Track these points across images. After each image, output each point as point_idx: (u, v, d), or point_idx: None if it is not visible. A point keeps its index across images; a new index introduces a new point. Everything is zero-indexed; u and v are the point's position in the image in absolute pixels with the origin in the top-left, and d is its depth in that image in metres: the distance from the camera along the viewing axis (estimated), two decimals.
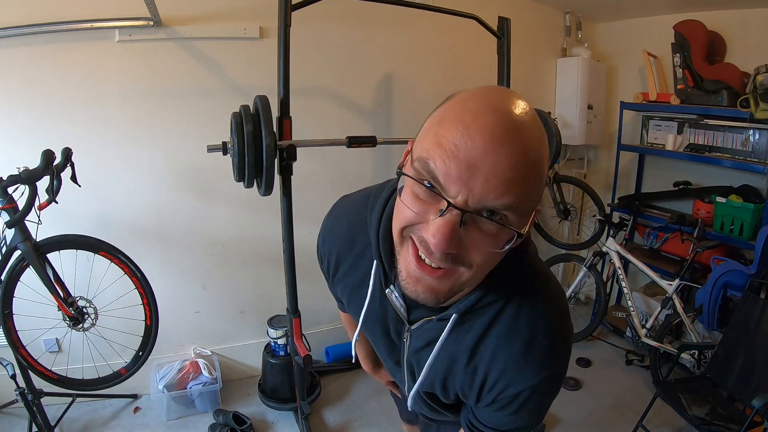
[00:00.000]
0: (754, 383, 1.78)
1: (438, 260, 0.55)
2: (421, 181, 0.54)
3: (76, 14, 1.86)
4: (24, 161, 1.67)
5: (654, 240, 2.88)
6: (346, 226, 0.81)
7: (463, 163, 0.51)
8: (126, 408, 2.21)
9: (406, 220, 0.56)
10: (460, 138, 0.51)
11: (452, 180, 0.51)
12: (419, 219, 0.55)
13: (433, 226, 0.53)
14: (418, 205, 0.55)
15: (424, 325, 0.72)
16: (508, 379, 0.67)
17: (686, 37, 2.52)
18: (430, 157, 0.53)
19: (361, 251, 0.77)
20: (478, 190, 0.51)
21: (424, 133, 0.57)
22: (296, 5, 1.65)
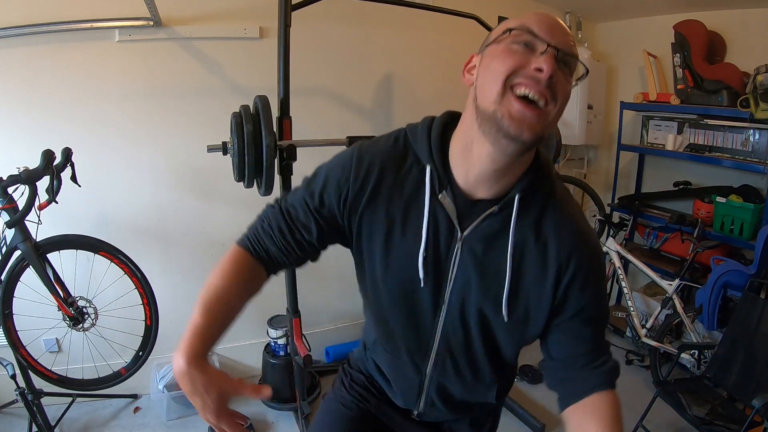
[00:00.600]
0: (754, 383, 1.78)
1: (544, 88, 0.65)
2: (523, 36, 0.67)
3: (76, 14, 1.86)
4: (24, 161, 1.67)
5: (654, 240, 2.88)
6: (388, 143, 0.82)
7: (547, 24, 0.68)
8: (126, 408, 2.21)
9: (511, 66, 0.66)
10: (536, 16, 0.69)
11: (546, 31, 0.67)
12: (523, 63, 0.66)
13: (541, 59, 0.65)
14: (518, 55, 0.66)
15: (482, 223, 0.76)
16: (580, 249, 0.76)
17: (686, 37, 2.52)
18: (524, 21, 0.68)
19: (408, 166, 0.78)
20: (562, 41, 0.67)
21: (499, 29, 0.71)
22: (296, 5, 1.65)
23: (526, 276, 0.77)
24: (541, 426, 2.09)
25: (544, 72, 0.64)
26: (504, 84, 0.66)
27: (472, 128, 0.71)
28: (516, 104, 0.65)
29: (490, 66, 0.69)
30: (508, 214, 0.75)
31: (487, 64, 0.69)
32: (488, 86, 0.67)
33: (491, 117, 0.67)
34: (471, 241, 0.76)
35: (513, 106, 0.65)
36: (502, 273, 0.76)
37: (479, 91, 0.70)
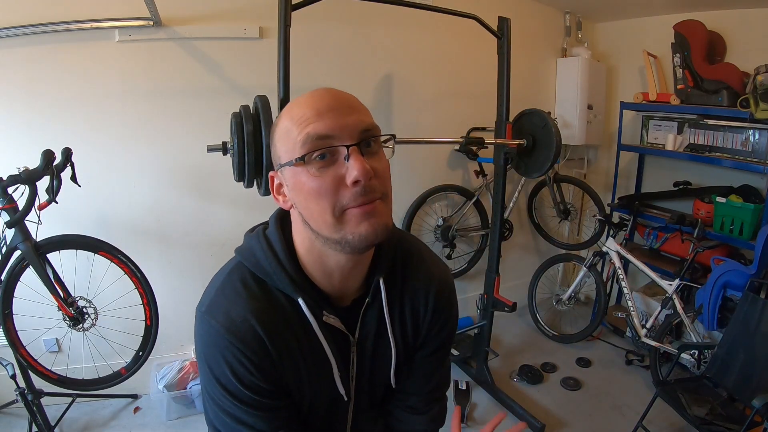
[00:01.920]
0: (754, 383, 1.78)
1: (371, 191, 0.62)
2: (316, 152, 0.62)
3: (76, 14, 1.86)
4: (24, 161, 1.67)
5: (654, 240, 2.88)
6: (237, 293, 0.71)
7: (328, 113, 0.62)
8: (126, 408, 2.21)
9: (331, 194, 0.62)
10: (311, 105, 0.64)
11: (333, 128, 0.61)
12: (335, 183, 0.62)
13: (351, 169, 0.61)
14: (328, 176, 0.62)
15: (364, 321, 0.77)
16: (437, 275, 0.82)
17: (686, 37, 2.52)
18: (307, 133, 0.62)
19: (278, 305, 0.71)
20: (351, 123, 0.62)
21: (283, 139, 0.66)
22: (296, 5, 1.65)
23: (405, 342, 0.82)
24: (541, 426, 2.09)
25: (361, 181, 0.60)
26: (334, 217, 0.63)
27: (315, 244, 0.68)
28: (361, 211, 0.62)
29: (307, 204, 0.64)
30: (378, 299, 0.76)
31: (302, 200, 0.65)
32: (319, 220, 0.64)
33: (339, 242, 0.64)
34: (362, 342, 0.79)
35: (359, 214, 0.62)
36: (388, 355, 0.81)
37: (309, 220, 0.66)
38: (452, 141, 2.62)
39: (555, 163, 2.18)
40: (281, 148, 0.66)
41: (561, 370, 2.63)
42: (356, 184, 0.61)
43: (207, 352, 0.69)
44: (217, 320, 0.68)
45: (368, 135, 0.63)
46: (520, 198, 3.14)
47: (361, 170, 0.60)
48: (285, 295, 0.71)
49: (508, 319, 3.06)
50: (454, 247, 2.83)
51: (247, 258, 0.73)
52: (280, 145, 0.66)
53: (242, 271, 0.72)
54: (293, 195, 0.67)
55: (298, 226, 0.70)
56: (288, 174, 0.66)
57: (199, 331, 0.71)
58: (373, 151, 0.64)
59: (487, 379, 2.40)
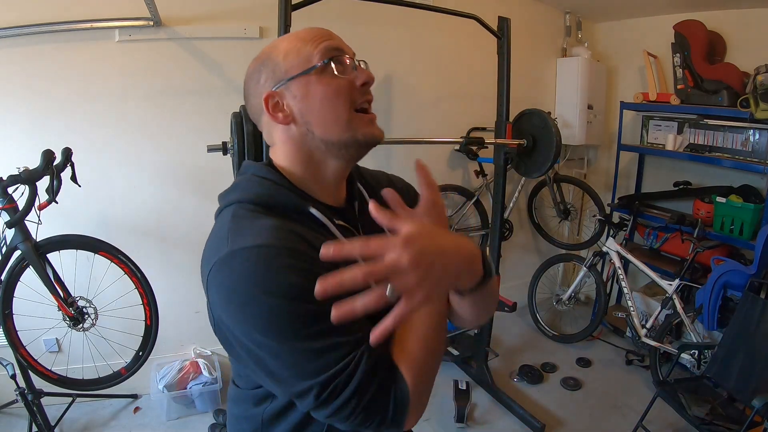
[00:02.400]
0: (754, 383, 1.78)
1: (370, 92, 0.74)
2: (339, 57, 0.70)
3: (76, 14, 1.86)
4: (24, 161, 1.67)
5: (654, 240, 2.88)
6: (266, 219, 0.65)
7: (333, 36, 0.72)
8: (126, 408, 2.21)
9: (348, 92, 0.70)
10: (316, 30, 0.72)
11: (342, 45, 0.72)
12: (352, 85, 0.70)
13: (361, 73, 0.72)
14: (344, 79, 0.70)
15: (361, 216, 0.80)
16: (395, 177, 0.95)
17: (686, 37, 2.52)
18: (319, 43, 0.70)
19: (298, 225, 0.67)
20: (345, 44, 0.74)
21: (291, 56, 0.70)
22: (296, 5, 1.65)
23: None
24: (541, 426, 2.09)
25: (370, 82, 0.72)
26: (350, 114, 0.70)
27: (314, 156, 0.73)
28: (368, 125, 0.72)
29: (321, 108, 0.69)
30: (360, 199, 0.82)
31: (315, 105, 0.69)
32: (332, 122, 0.69)
33: (347, 142, 0.70)
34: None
35: (365, 120, 0.71)
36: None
37: (317, 126, 0.70)
38: (452, 141, 2.63)
39: (555, 163, 2.18)
40: (285, 64, 0.70)
41: (561, 370, 2.63)
42: (365, 85, 0.71)
43: (259, 281, 0.58)
44: (251, 243, 0.60)
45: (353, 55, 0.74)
46: (520, 198, 3.14)
47: (369, 74, 0.72)
48: (294, 212, 0.69)
49: (508, 319, 3.06)
50: None
51: (244, 194, 0.70)
52: (285, 62, 0.70)
53: (243, 207, 0.68)
54: (301, 105, 0.70)
55: (292, 146, 0.73)
56: (296, 86, 0.69)
57: (234, 275, 0.60)
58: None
59: (487, 379, 2.40)
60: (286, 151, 0.74)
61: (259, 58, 0.74)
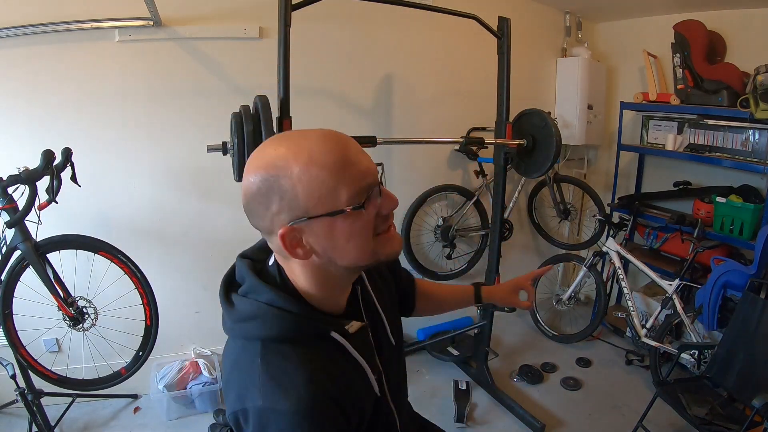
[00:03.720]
0: (754, 383, 1.78)
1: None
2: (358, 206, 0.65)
3: (76, 14, 1.86)
4: (24, 161, 1.67)
5: (654, 240, 2.88)
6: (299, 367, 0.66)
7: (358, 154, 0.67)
8: (126, 408, 2.21)
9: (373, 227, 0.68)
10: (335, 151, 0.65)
11: (370, 167, 0.67)
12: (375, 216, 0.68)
13: (388, 201, 0.69)
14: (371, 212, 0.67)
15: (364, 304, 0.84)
16: None
17: (686, 37, 2.52)
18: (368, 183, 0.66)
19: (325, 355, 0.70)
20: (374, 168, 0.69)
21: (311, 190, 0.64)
22: (296, 5, 1.65)
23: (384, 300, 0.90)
24: (541, 426, 2.09)
25: (395, 202, 0.70)
26: (374, 241, 0.69)
27: (330, 277, 0.71)
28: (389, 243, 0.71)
29: (345, 245, 0.66)
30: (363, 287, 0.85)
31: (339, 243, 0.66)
32: (357, 254, 0.68)
33: (369, 264, 0.71)
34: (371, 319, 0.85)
35: (386, 244, 0.70)
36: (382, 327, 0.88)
37: (341, 259, 0.68)
38: (452, 141, 2.63)
39: (555, 163, 2.18)
40: (309, 200, 0.63)
41: (561, 370, 2.63)
42: (388, 212, 0.70)
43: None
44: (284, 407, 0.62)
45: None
46: (520, 198, 3.14)
47: (395, 200, 0.69)
48: (317, 338, 0.70)
49: (508, 319, 3.06)
50: (454, 247, 2.83)
51: (268, 331, 0.67)
52: (307, 198, 0.63)
53: (270, 348, 0.67)
54: (325, 242, 0.66)
55: (310, 271, 0.70)
56: (319, 225, 0.65)
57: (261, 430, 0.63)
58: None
59: (487, 379, 2.40)
60: (305, 275, 0.71)
61: (266, 176, 0.64)
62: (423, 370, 2.60)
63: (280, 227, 0.65)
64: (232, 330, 0.72)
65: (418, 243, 2.83)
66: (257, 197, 0.65)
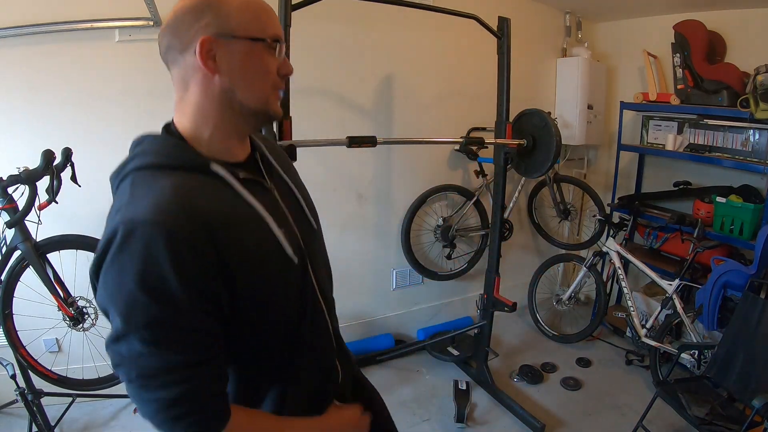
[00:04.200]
0: (754, 383, 1.78)
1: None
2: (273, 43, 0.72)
3: (76, 14, 1.86)
4: (24, 161, 1.67)
5: (654, 240, 2.88)
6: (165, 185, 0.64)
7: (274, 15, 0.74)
8: (126, 408, 2.21)
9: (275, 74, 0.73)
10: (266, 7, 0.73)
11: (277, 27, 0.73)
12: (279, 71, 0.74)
13: (288, 65, 0.76)
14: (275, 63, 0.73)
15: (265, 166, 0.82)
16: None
17: (686, 37, 2.52)
18: (272, 23, 0.72)
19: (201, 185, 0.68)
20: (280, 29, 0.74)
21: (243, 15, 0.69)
22: (296, 5, 1.65)
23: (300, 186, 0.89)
24: (541, 426, 2.09)
25: (291, 74, 0.76)
26: (271, 90, 0.74)
27: (226, 115, 0.73)
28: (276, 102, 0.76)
29: (251, 77, 0.71)
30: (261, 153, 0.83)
31: (247, 72, 0.71)
32: (255, 92, 0.72)
33: (261, 112, 0.74)
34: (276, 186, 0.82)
35: (276, 104, 0.76)
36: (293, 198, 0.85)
37: (242, 89, 0.71)
38: (452, 141, 2.63)
39: (555, 163, 2.18)
40: (238, 20, 0.69)
41: (561, 370, 2.63)
42: (286, 75, 0.76)
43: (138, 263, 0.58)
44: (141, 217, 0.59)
45: None
46: (520, 198, 3.15)
47: (291, 69, 0.76)
48: (197, 171, 0.69)
49: (508, 319, 3.06)
50: (454, 247, 2.83)
51: (141, 161, 0.68)
52: (238, 18, 0.69)
53: (142, 174, 0.67)
54: (236, 65, 0.70)
55: (206, 98, 0.72)
56: (239, 46, 0.69)
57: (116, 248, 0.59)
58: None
59: (487, 379, 2.40)
60: (198, 102, 0.73)
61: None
62: (423, 370, 2.60)
63: (201, 36, 0.68)
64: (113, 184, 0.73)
65: (418, 243, 2.83)
66: (192, 9, 0.70)
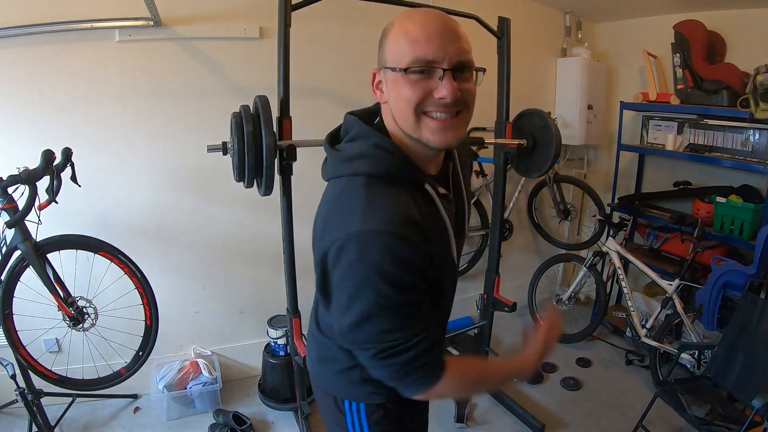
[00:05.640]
0: (754, 383, 1.78)
1: (452, 107, 0.75)
2: (417, 68, 0.73)
3: (76, 14, 1.86)
4: (24, 161, 1.67)
5: (654, 240, 2.88)
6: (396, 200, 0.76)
7: (435, 38, 0.73)
8: (126, 408, 2.21)
9: (416, 98, 0.74)
10: (422, 27, 0.74)
11: (436, 51, 0.73)
12: (424, 94, 0.74)
13: (441, 88, 0.73)
14: (418, 86, 0.74)
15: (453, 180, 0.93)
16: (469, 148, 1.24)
17: (686, 37, 2.52)
18: (414, 49, 0.73)
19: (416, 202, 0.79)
20: (453, 51, 0.74)
21: (392, 47, 0.76)
22: (296, 5, 1.65)
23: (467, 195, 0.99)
24: (541, 426, 2.09)
25: (447, 99, 0.73)
26: (416, 113, 0.75)
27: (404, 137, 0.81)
28: (436, 123, 0.76)
29: (397, 97, 0.77)
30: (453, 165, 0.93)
31: (395, 99, 0.78)
32: (403, 114, 0.77)
33: (418, 139, 0.78)
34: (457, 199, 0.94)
35: (434, 125, 0.76)
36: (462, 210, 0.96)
37: (396, 114, 0.79)
38: None
39: (555, 163, 2.18)
40: (389, 53, 0.77)
41: (561, 370, 2.63)
42: (441, 99, 0.74)
43: (379, 264, 0.71)
44: (381, 228, 0.71)
45: (463, 64, 0.75)
46: (520, 198, 3.14)
47: (450, 90, 0.73)
48: (412, 186, 0.80)
49: (508, 319, 3.06)
50: None
51: (374, 168, 0.78)
52: (389, 51, 0.77)
53: (374, 182, 0.77)
54: (389, 92, 0.79)
55: (390, 120, 0.82)
56: (389, 76, 0.77)
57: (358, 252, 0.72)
58: (464, 77, 0.76)
59: None
60: (388, 124, 0.83)
61: (387, 28, 0.81)
62: None
63: (375, 68, 0.82)
64: (336, 170, 0.81)
65: None
66: (380, 39, 0.81)
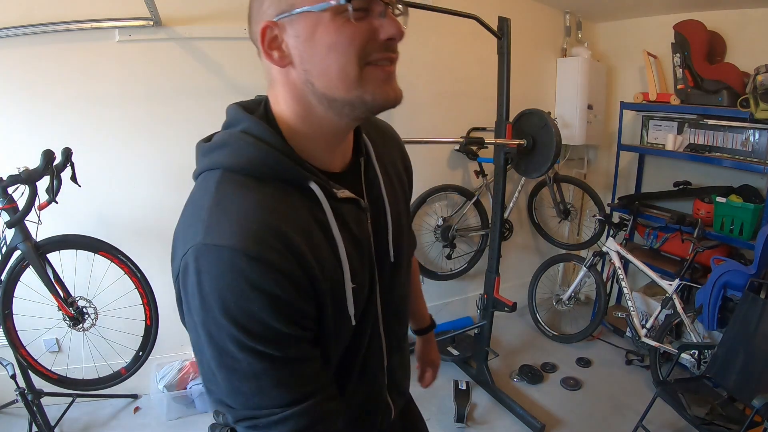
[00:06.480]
0: (754, 383, 1.78)
1: (395, 52, 0.60)
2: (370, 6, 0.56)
3: (76, 14, 1.86)
4: (24, 161, 1.67)
5: (654, 240, 2.88)
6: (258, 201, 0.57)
7: None
8: (126, 408, 2.21)
9: (362, 44, 0.56)
10: None
11: None
12: (369, 36, 0.57)
13: (388, 26, 0.57)
14: (363, 26, 0.56)
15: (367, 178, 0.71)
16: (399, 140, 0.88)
17: (686, 37, 2.52)
18: None
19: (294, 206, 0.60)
20: None
21: None
22: None
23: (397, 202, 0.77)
24: (541, 426, 2.09)
25: (396, 39, 0.58)
26: (359, 65, 0.57)
27: (315, 111, 0.61)
28: (381, 75, 0.59)
29: (325, 58, 0.56)
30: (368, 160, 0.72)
31: (319, 52, 0.57)
32: (336, 76, 0.57)
33: (353, 102, 0.59)
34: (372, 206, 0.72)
35: (381, 76, 0.59)
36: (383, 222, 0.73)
37: (318, 78, 0.58)
38: (452, 141, 2.63)
39: (555, 163, 2.18)
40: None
41: (561, 370, 2.63)
42: (390, 41, 0.58)
43: (221, 295, 0.52)
44: (227, 243, 0.52)
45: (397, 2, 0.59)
46: (520, 198, 3.14)
47: (398, 28, 0.57)
48: (290, 185, 0.60)
49: (508, 319, 3.06)
50: (454, 247, 2.83)
51: (234, 158, 0.58)
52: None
53: (232, 178, 0.58)
54: (303, 48, 0.57)
55: (290, 92, 0.61)
56: (302, 23, 0.56)
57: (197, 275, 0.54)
58: (397, 16, 0.60)
59: (487, 379, 2.40)
60: (286, 97, 0.62)
61: None
62: None
63: (262, 23, 0.57)
64: (197, 165, 0.63)
65: (418, 243, 2.82)
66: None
